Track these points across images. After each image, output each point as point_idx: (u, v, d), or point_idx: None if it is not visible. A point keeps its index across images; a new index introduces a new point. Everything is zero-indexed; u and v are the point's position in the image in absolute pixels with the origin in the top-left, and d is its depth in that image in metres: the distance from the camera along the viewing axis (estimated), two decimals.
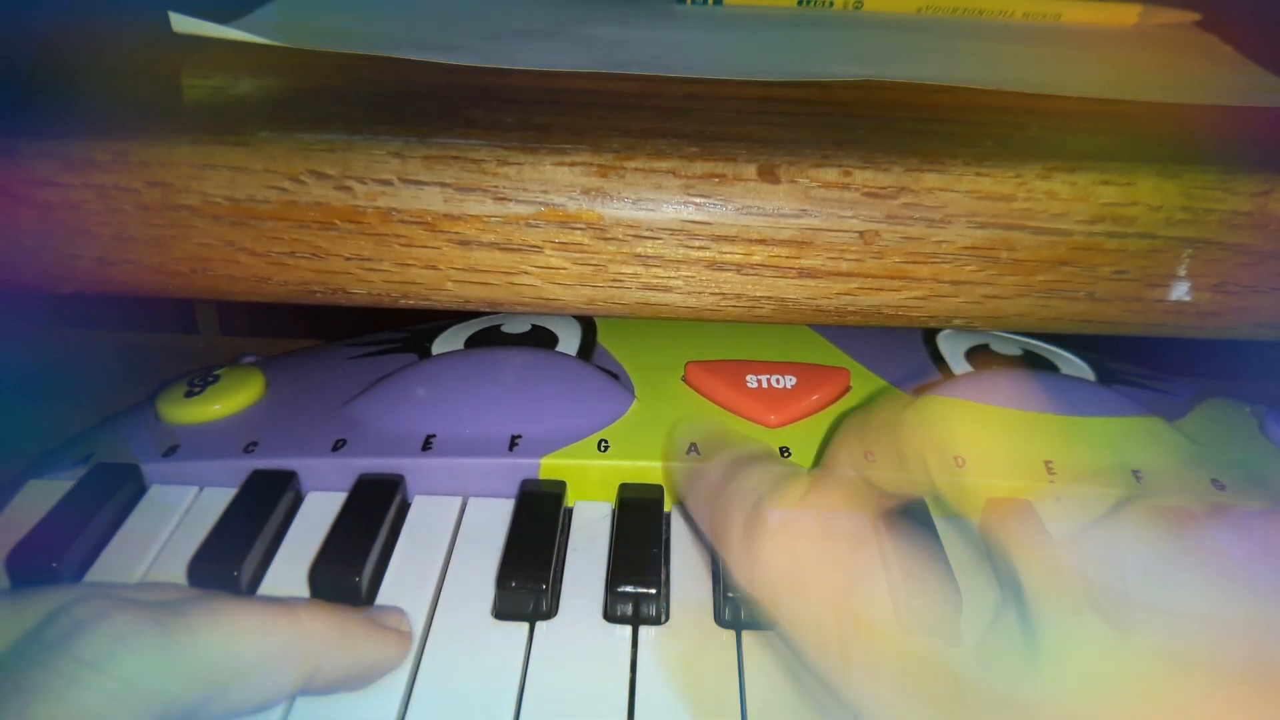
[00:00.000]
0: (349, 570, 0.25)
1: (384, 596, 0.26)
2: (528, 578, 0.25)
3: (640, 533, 0.27)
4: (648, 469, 0.29)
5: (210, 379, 0.33)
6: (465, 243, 0.26)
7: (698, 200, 0.26)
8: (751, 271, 0.27)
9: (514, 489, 0.29)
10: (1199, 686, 0.16)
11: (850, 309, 0.28)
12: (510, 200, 0.26)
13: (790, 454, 0.29)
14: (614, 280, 0.27)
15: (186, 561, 0.26)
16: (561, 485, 0.29)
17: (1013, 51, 0.39)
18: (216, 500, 0.29)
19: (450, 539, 0.28)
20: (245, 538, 0.27)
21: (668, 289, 0.27)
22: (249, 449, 0.30)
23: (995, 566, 0.24)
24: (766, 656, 0.24)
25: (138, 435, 0.31)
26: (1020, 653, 0.18)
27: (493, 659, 0.24)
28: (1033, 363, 0.34)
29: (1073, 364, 0.35)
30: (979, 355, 0.34)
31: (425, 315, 0.34)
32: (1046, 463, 0.29)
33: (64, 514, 0.28)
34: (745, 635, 0.25)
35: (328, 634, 0.22)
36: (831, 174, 0.26)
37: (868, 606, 0.20)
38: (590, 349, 0.34)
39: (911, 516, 0.28)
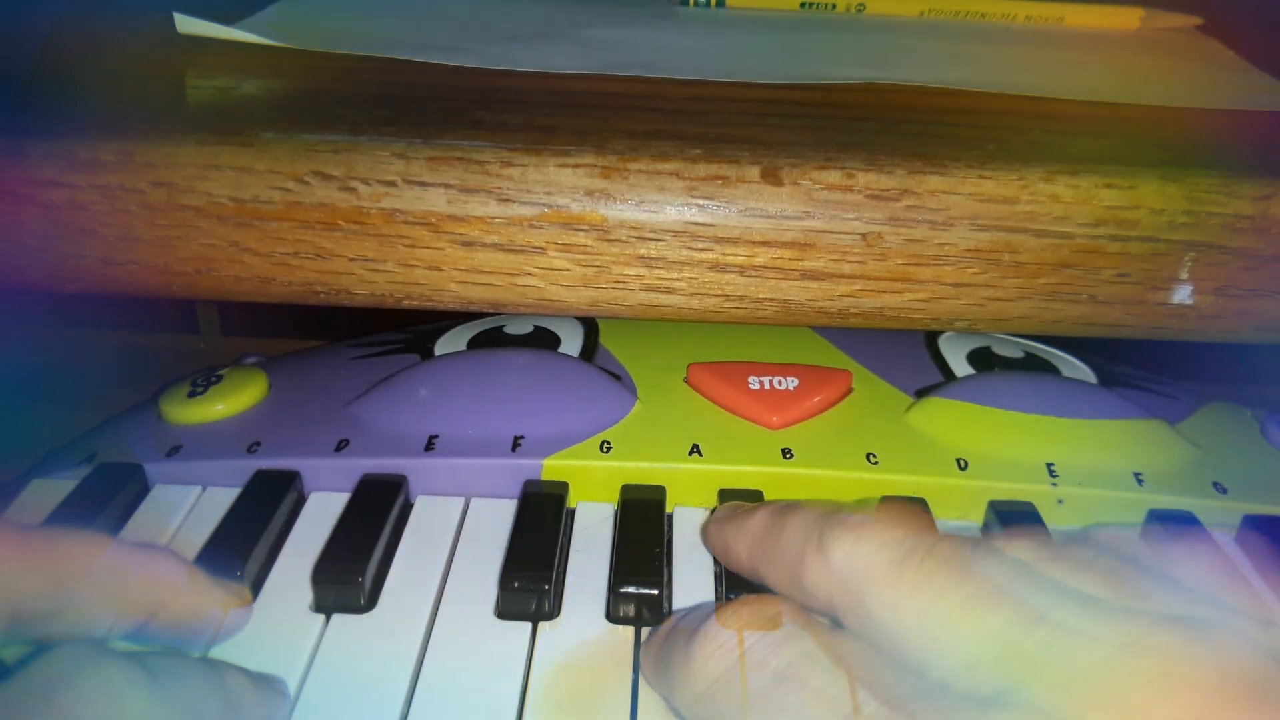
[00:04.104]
0: (352, 570, 0.25)
1: (386, 596, 0.26)
2: (530, 578, 0.25)
3: (642, 534, 0.27)
4: (650, 470, 0.29)
5: (213, 379, 0.33)
6: (469, 244, 0.27)
7: (701, 202, 0.26)
8: (754, 273, 0.27)
9: (516, 490, 0.29)
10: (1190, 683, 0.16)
11: (852, 311, 0.28)
12: (514, 202, 0.26)
13: (792, 455, 0.29)
14: (617, 282, 0.27)
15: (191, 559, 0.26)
16: (564, 486, 0.29)
17: (1015, 55, 0.39)
18: (219, 500, 0.29)
19: (453, 539, 0.28)
20: (248, 538, 0.27)
21: (671, 291, 0.27)
22: (252, 449, 0.30)
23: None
24: None
25: (140, 435, 0.31)
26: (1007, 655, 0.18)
27: (495, 659, 0.24)
28: (1034, 365, 0.34)
29: (1074, 367, 0.35)
30: (980, 357, 0.34)
31: (428, 316, 0.34)
32: (1048, 465, 0.29)
33: (67, 514, 0.28)
34: None
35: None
36: (834, 176, 0.26)
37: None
38: (592, 350, 0.34)
39: None
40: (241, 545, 0.26)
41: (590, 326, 0.35)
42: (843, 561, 0.20)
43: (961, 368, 0.34)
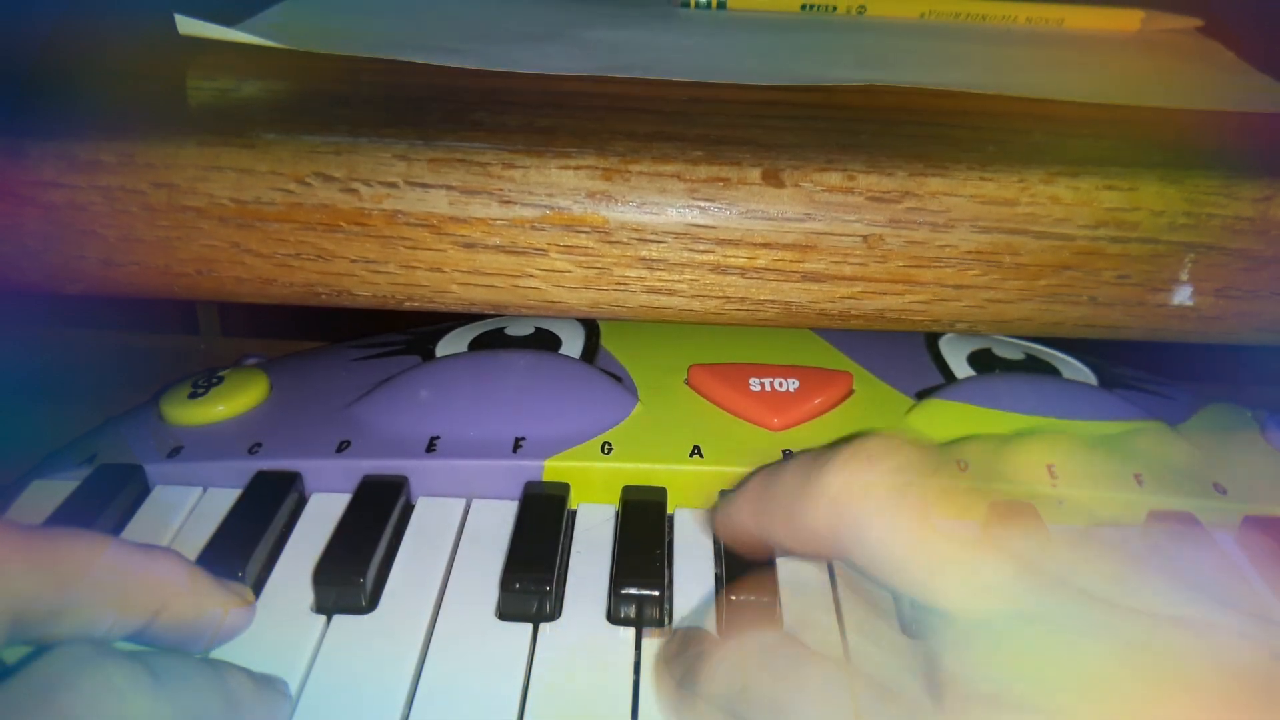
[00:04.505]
0: (353, 571, 0.25)
1: (388, 598, 0.26)
2: (531, 579, 0.25)
3: (643, 535, 0.27)
4: (651, 471, 0.29)
5: (214, 380, 0.33)
6: (470, 245, 0.27)
7: (702, 204, 0.26)
8: (755, 275, 0.27)
9: (518, 491, 0.29)
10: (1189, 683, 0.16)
11: (853, 313, 0.28)
12: (515, 203, 0.26)
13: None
14: (618, 283, 0.27)
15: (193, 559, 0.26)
16: (565, 487, 0.29)
17: (1016, 57, 0.39)
18: (220, 501, 0.29)
19: (454, 540, 0.28)
20: (249, 539, 0.27)
21: (672, 292, 0.27)
22: (253, 450, 0.30)
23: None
24: None
25: (141, 436, 0.31)
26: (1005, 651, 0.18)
27: (496, 660, 0.24)
28: (1035, 367, 0.34)
29: (1075, 368, 0.35)
30: (981, 359, 0.34)
31: (429, 318, 0.34)
32: (1049, 466, 0.29)
33: (68, 515, 0.28)
34: None
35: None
36: (835, 178, 0.26)
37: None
38: (593, 352, 0.34)
39: None
40: (242, 546, 0.26)
41: (591, 328, 0.35)
42: (839, 494, 0.20)
43: (962, 369, 0.34)
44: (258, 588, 0.26)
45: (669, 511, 0.29)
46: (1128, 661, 0.16)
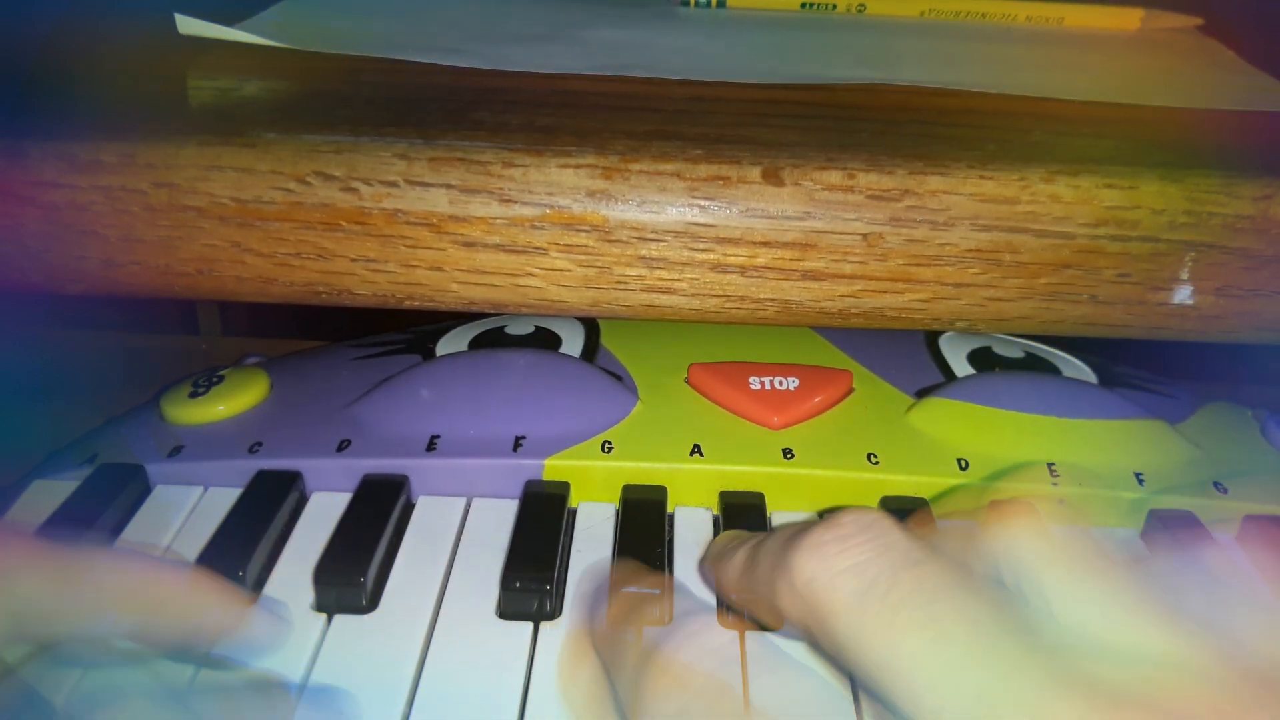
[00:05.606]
0: (354, 571, 0.26)
1: (388, 597, 0.26)
2: (532, 578, 0.25)
3: (644, 534, 0.27)
4: (651, 470, 0.29)
5: (214, 380, 0.33)
6: (470, 244, 0.27)
7: (702, 202, 0.26)
8: (755, 274, 0.27)
9: (518, 490, 0.29)
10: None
11: (853, 311, 0.28)
12: (515, 202, 0.26)
13: (793, 455, 0.29)
14: (618, 282, 0.27)
15: (191, 562, 0.26)
16: (565, 486, 0.29)
17: (1016, 55, 0.39)
18: (221, 501, 0.29)
19: (454, 539, 0.28)
20: (250, 538, 0.27)
21: (672, 291, 0.27)
22: (253, 450, 0.30)
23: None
24: (768, 657, 0.24)
25: (142, 436, 0.31)
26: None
27: (497, 659, 0.24)
28: (1035, 365, 0.34)
29: (1075, 367, 0.35)
30: (981, 357, 0.34)
31: (429, 317, 0.34)
32: (1049, 465, 0.29)
33: (69, 514, 0.28)
34: (748, 636, 0.25)
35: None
36: (835, 177, 0.26)
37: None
38: (593, 350, 0.34)
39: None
40: (243, 546, 0.26)
41: (591, 327, 0.35)
42: (806, 586, 0.19)
43: (962, 368, 0.34)
44: (258, 587, 0.26)
45: (669, 510, 0.29)
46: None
